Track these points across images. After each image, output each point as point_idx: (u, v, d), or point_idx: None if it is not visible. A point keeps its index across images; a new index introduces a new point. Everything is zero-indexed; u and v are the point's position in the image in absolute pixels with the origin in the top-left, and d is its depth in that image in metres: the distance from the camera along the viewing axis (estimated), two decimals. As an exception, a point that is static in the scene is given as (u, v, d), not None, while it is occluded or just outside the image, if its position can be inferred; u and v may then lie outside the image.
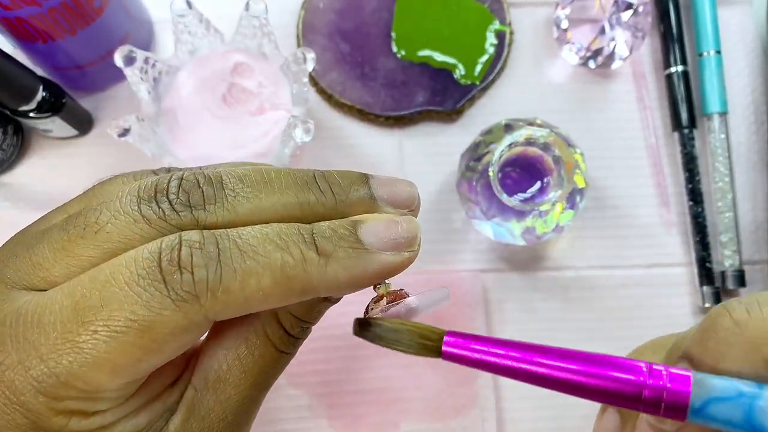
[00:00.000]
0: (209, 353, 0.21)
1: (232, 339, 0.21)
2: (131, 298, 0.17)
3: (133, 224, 0.18)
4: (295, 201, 0.19)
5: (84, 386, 0.18)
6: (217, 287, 0.17)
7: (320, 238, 0.19)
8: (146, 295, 0.17)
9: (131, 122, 0.30)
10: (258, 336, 0.21)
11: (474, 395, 0.36)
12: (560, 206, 0.34)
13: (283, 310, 0.21)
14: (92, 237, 0.19)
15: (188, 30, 0.33)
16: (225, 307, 0.18)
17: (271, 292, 0.18)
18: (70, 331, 0.18)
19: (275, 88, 0.34)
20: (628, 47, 0.39)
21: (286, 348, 0.21)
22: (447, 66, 0.39)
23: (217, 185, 0.19)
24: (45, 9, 0.30)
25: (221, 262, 0.18)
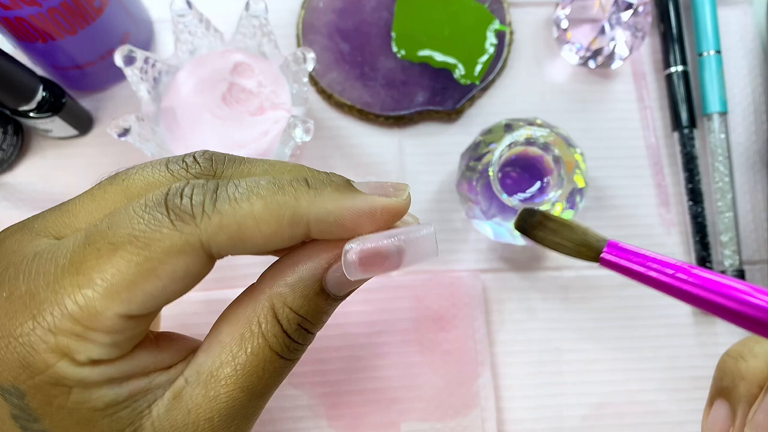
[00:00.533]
0: (206, 348, 0.20)
1: (228, 335, 0.20)
2: (135, 220, 0.18)
3: (159, 174, 0.20)
4: (305, 176, 0.20)
5: (80, 313, 0.18)
6: (212, 209, 0.18)
7: (312, 179, 0.20)
8: (148, 217, 0.18)
9: (131, 122, 0.30)
10: (253, 333, 0.20)
11: (474, 395, 0.36)
12: (560, 206, 0.34)
13: (281, 303, 0.20)
14: (119, 184, 0.20)
15: (188, 30, 0.33)
16: (218, 229, 0.18)
17: (263, 217, 0.19)
18: (77, 257, 0.19)
19: (275, 87, 0.34)
20: (628, 47, 0.39)
21: (282, 350, 0.20)
22: (447, 66, 0.39)
23: (239, 158, 0.21)
24: (45, 9, 0.30)
25: (218, 192, 0.19)
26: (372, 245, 0.18)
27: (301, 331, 0.21)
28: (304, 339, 0.21)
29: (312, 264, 0.20)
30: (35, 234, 0.20)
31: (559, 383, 0.37)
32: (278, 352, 0.20)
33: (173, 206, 0.19)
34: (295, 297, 0.20)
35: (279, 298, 0.20)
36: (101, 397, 0.19)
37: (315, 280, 0.20)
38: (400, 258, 0.19)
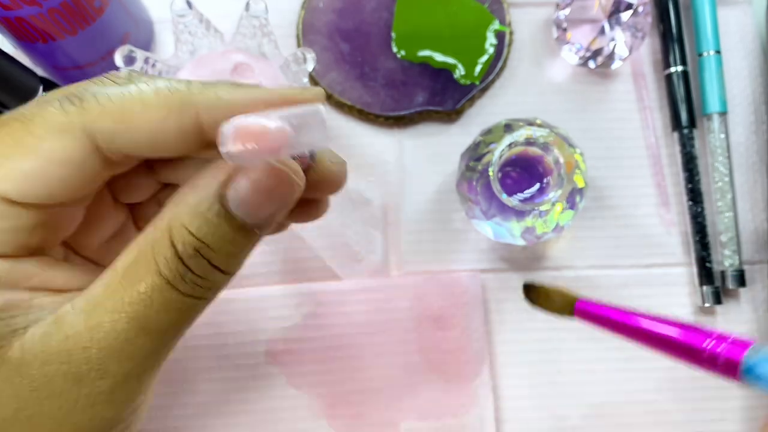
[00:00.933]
0: (99, 277, 0.18)
1: (122, 261, 0.18)
2: (29, 106, 0.18)
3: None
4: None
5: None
6: (102, 93, 0.18)
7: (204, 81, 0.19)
8: (41, 101, 0.18)
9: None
10: (146, 257, 0.17)
11: (473, 395, 0.36)
12: (560, 206, 0.34)
13: (178, 224, 0.17)
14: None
15: (188, 30, 0.33)
16: (103, 112, 0.18)
17: (150, 101, 0.18)
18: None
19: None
20: (627, 47, 0.39)
21: (174, 278, 0.17)
22: (447, 66, 0.39)
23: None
24: (45, 9, 0.30)
25: (114, 84, 0.18)
26: (248, 121, 0.16)
27: (200, 259, 0.18)
28: (206, 272, 0.18)
29: (211, 177, 0.18)
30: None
31: (559, 383, 0.37)
32: (169, 280, 0.17)
33: (67, 93, 0.18)
34: (192, 216, 0.17)
35: (176, 219, 0.17)
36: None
37: (215, 196, 0.17)
38: (281, 134, 0.16)
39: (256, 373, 0.36)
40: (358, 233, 0.38)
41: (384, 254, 0.38)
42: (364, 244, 0.38)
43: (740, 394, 0.38)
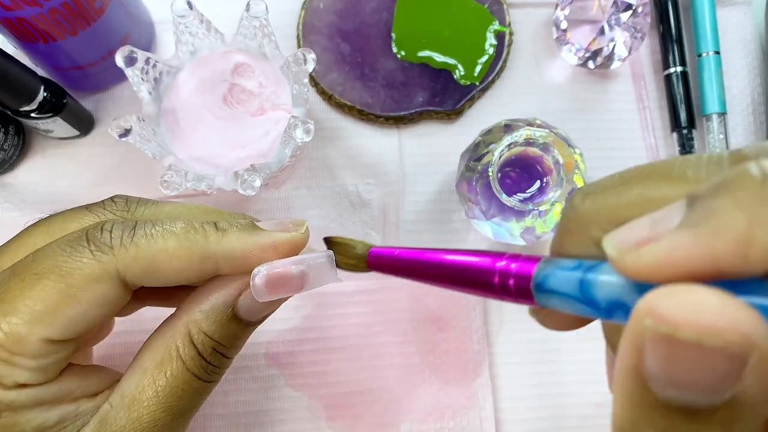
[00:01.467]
0: (129, 374, 0.22)
1: (149, 360, 0.22)
2: (58, 252, 0.20)
3: (79, 214, 0.23)
4: (214, 219, 0.23)
5: (4, 339, 0.20)
6: (129, 242, 0.21)
7: (221, 222, 0.22)
8: (70, 249, 0.21)
9: (132, 122, 0.30)
10: (172, 357, 0.21)
11: (472, 395, 0.36)
12: (559, 206, 0.34)
13: (196, 329, 0.22)
14: (43, 226, 0.23)
15: (189, 30, 0.33)
16: (134, 260, 0.21)
17: (175, 253, 0.21)
18: (2, 288, 0.21)
19: (275, 88, 0.34)
20: (627, 48, 0.39)
21: (199, 372, 0.22)
22: (447, 66, 0.39)
23: (151, 200, 0.24)
24: (46, 9, 0.30)
25: (136, 228, 0.21)
26: (276, 270, 0.20)
27: (216, 354, 0.22)
28: (220, 362, 0.23)
29: (224, 292, 0.22)
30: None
31: (558, 383, 0.37)
32: (195, 374, 0.22)
33: (93, 238, 0.21)
34: (209, 323, 0.22)
35: (194, 324, 0.22)
36: (30, 421, 0.20)
37: (227, 306, 0.22)
38: (302, 280, 0.21)
39: (255, 375, 0.36)
40: (357, 234, 0.38)
41: (384, 254, 0.38)
42: (364, 245, 0.38)
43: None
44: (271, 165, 0.32)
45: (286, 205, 0.38)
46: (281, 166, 0.32)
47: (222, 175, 0.32)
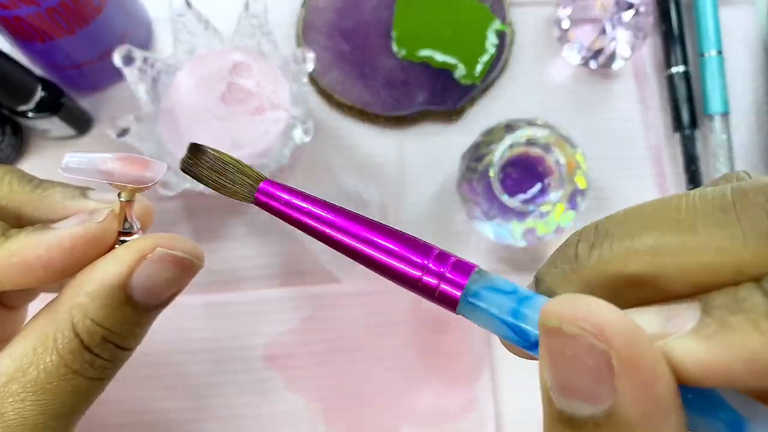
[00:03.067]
0: (5, 351, 0.18)
1: (20, 347, 0.18)
2: None
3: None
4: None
5: None
6: None
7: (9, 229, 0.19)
8: None
9: (130, 122, 0.30)
10: (47, 349, 0.18)
11: (473, 398, 0.36)
12: (561, 207, 0.33)
13: (81, 315, 0.18)
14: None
15: (187, 29, 0.32)
16: None
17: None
18: None
19: (274, 87, 0.34)
20: (629, 47, 0.38)
21: (82, 368, 0.18)
22: (447, 66, 0.39)
23: None
24: (43, 8, 0.30)
25: None
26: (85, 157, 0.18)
27: (107, 345, 0.18)
28: (113, 355, 0.18)
29: (114, 269, 0.18)
30: None
31: (560, 385, 0.37)
32: (77, 370, 0.18)
33: None
34: (97, 307, 0.18)
35: (79, 309, 0.18)
36: None
37: (119, 287, 0.18)
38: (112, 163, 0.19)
39: (254, 377, 0.36)
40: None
41: (384, 255, 0.38)
42: (363, 245, 0.38)
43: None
44: (270, 165, 0.32)
45: (286, 206, 0.38)
46: (280, 166, 0.32)
47: (220, 176, 0.31)
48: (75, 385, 0.18)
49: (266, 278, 0.37)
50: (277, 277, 0.37)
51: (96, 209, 0.19)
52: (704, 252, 0.12)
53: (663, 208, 0.15)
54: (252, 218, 0.37)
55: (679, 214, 0.14)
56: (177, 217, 0.37)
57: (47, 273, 0.18)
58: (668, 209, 0.14)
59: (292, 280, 0.37)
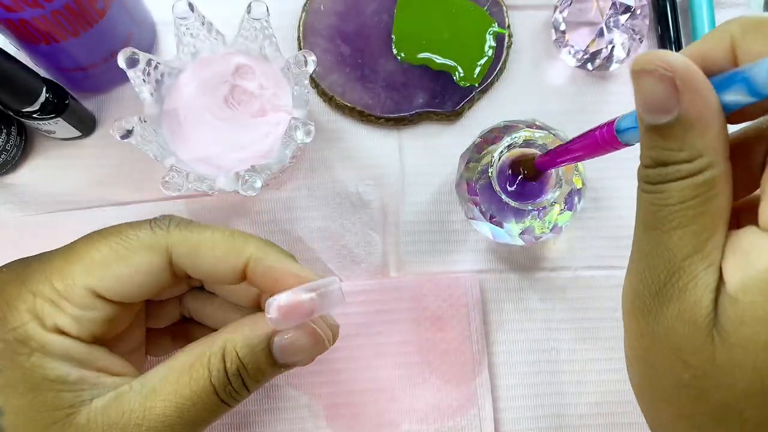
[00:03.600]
0: (157, 368, 0.23)
1: (180, 361, 0.23)
2: (124, 225, 0.24)
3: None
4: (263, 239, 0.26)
5: (59, 280, 0.22)
6: (183, 227, 0.24)
7: (268, 241, 0.26)
8: (135, 225, 0.24)
9: (134, 123, 0.30)
10: (202, 364, 0.23)
11: (472, 395, 0.36)
12: (558, 207, 0.34)
13: (231, 346, 0.23)
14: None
15: (190, 32, 0.33)
16: (182, 240, 0.24)
17: (218, 244, 0.24)
18: (72, 244, 0.24)
19: (276, 89, 0.34)
20: (625, 50, 0.39)
21: (219, 387, 0.23)
22: (446, 68, 0.40)
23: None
24: (48, 11, 0.30)
25: (192, 222, 0.25)
26: (288, 297, 0.22)
27: (238, 378, 0.23)
28: (239, 388, 0.24)
29: (266, 325, 0.23)
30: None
31: (557, 383, 0.38)
32: (216, 388, 0.23)
33: (155, 220, 0.25)
34: (244, 345, 0.23)
35: (231, 342, 0.23)
36: (54, 369, 0.22)
37: (265, 337, 0.23)
38: (312, 307, 0.22)
39: (256, 373, 0.36)
40: (357, 235, 0.38)
41: (383, 255, 0.38)
42: (363, 246, 0.38)
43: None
44: (272, 166, 0.32)
45: (287, 206, 0.38)
46: (282, 167, 0.33)
47: (223, 176, 0.32)
48: (209, 401, 0.23)
49: (268, 277, 0.37)
50: (278, 277, 0.37)
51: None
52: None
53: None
54: (254, 218, 0.38)
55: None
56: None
57: (269, 279, 0.24)
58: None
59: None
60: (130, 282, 0.23)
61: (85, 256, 0.23)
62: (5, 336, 0.21)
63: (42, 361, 0.21)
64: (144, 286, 0.23)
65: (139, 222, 0.25)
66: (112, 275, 0.23)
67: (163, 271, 0.24)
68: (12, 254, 0.37)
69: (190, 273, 0.25)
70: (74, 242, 0.24)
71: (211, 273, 0.24)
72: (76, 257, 0.23)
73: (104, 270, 0.23)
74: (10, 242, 0.37)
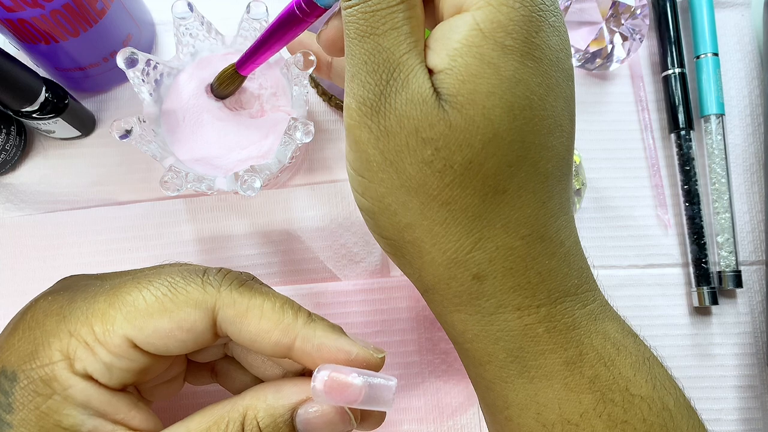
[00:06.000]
0: (173, 426, 0.22)
1: (197, 423, 0.22)
2: (176, 272, 0.23)
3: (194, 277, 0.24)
4: (311, 313, 0.24)
5: (99, 324, 0.21)
6: (236, 288, 0.23)
7: (316, 316, 0.23)
8: (186, 275, 0.23)
9: (133, 123, 0.30)
10: (217, 428, 0.22)
11: (471, 394, 0.36)
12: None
13: (252, 414, 0.22)
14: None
15: (189, 32, 0.33)
16: (231, 303, 0.22)
17: (266, 314, 0.22)
18: (118, 285, 0.22)
19: (276, 90, 0.34)
20: (625, 50, 0.39)
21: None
22: (446, 68, 0.40)
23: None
24: (47, 11, 0.30)
25: (246, 282, 0.24)
26: (339, 375, 0.21)
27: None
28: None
29: (294, 391, 0.22)
30: (95, 278, 0.24)
31: (557, 383, 0.38)
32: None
33: (209, 273, 0.23)
34: (266, 414, 0.22)
35: (253, 410, 0.22)
36: (69, 416, 0.21)
37: (290, 408, 0.22)
38: (360, 394, 0.21)
39: (256, 373, 0.36)
40: (356, 234, 0.38)
41: (383, 255, 0.38)
42: (362, 245, 0.38)
43: (734, 396, 0.38)
44: (271, 166, 0.32)
45: (286, 206, 0.38)
46: (281, 167, 0.33)
47: (222, 176, 0.32)
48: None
49: (267, 276, 0.37)
50: (277, 275, 0.37)
51: (378, 348, 0.23)
52: None
53: None
54: (253, 217, 0.38)
55: None
56: (178, 217, 0.38)
57: (316, 358, 0.22)
58: None
59: (293, 278, 0.37)
60: (170, 337, 0.22)
61: (129, 303, 0.22)
62: (31, 372, 0.21)
63: (59, 406, 0.21)
64: (184, 342, 0.22)
65: (192, 271, 0.23)
66: (153, 328, 0.21)
67: (206, 331, 0.22)
68: (12, 254, 0.37)
69: (233, 338, 0.23)
70: (123, 282, 0.23)
71: (252, 344, 0.23)
72: (121, 302, 0.22)
73: (146, 321, 0.21)
74: (10, 242, 0.37)
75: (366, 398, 0.21)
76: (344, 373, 0.21)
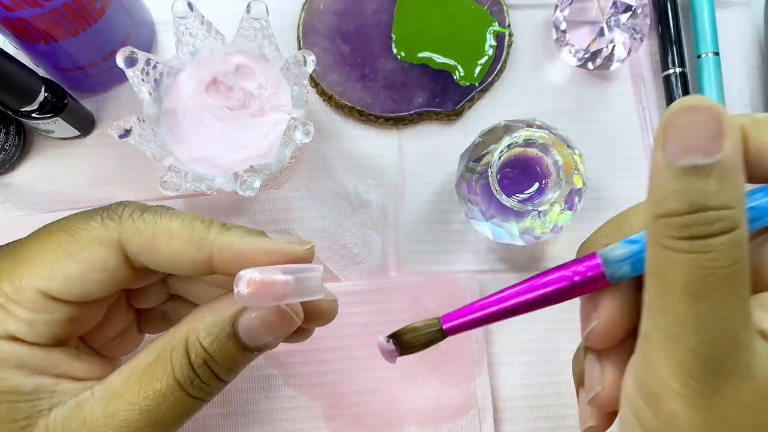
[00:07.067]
0: (119, 370, 0.22)
1: (141, 360, 0.21)
2: (73, 217, 0.22)
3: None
4: (224, 222, 0.23)
5: (7, 284, 0.21)
6: (137, 216, 0.22)
7: (229, 224, 0.23)
8: (84, 215, 0.22)
9: (132, 123, 0.30)
10: (164, 360, 0.21)
11: (471, 395, 0.36)
12: (559, 207, 0.34)
13: (194, 338, 0.21)
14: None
15: (189, 32, 0.33)
16: (136, 232, 0.22)
17: (176, 234, 0.21)
18: (18, 244, 0.22)
19: (276, 89, 0.34)
20: (626, 49, 0.39)
21: (185, 382, 0.21)
22: (447, 67, 0.40)
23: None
24: (47, 10, 0.30)
25: (147, 209, 0.22)
26: (258, 274, 0.20)
27: (207, 370, 0.21)
28: (210, 380, 0.22)
29: (228, 306, 0.22)
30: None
31: (557, 383, 0.37)
32: (181, 383, 0.21)
33: (107, 209, 0.22)
34: (207, 335, 0.21)
35: (194, 333, 0.21)
36: (6, 380, 0.20)
37: (228, 321, 0.21)
38: (285, 289, 0.20)
39: (254, 374, 0.36)
40: (356, 235, 0.38)
41: (383, 255, 0.38)
42: (362, 246, 0.38)
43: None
44: (271, 166, 0.32)
45: (286, 206, 0.38)
46: (281, 167, 0.32)
47: (222, 176, 0.32)
48: (176, 398, 0.21)
49: (267, 277, 0.37)
50: (277, 276, 0.37)
51: (303, 240, 0.23)
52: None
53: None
54: (253, 217, 0.38)
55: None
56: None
57: (238, 266, 0.21)
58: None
59: (293, 279, 0.37)
60: (83, 280, 0.21)
61: (32, 255, 0.21)
62: None
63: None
64: (100, 283, 0.21)
65: (91, 212, 0.22)
66: (62, 275, 0.21)
67: (120, 267, 0.22)
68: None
69: (152, 267, 0.22)
70: (22, 240, 0.22)
71: (172, 268, 0.22)
72: (23, 257, 0.21)
73: (52, 269, 0.21)
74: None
75: (294, 291, 0.20)
76: (264, 273, 0.20)
